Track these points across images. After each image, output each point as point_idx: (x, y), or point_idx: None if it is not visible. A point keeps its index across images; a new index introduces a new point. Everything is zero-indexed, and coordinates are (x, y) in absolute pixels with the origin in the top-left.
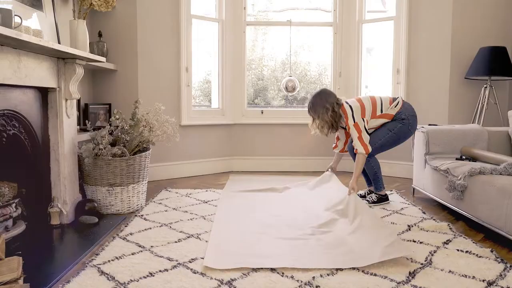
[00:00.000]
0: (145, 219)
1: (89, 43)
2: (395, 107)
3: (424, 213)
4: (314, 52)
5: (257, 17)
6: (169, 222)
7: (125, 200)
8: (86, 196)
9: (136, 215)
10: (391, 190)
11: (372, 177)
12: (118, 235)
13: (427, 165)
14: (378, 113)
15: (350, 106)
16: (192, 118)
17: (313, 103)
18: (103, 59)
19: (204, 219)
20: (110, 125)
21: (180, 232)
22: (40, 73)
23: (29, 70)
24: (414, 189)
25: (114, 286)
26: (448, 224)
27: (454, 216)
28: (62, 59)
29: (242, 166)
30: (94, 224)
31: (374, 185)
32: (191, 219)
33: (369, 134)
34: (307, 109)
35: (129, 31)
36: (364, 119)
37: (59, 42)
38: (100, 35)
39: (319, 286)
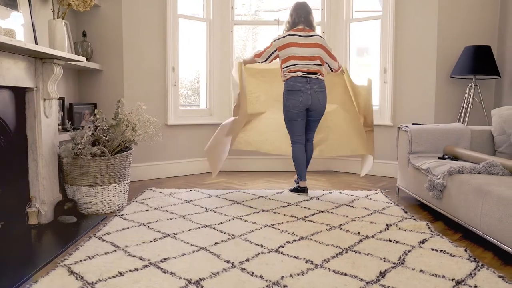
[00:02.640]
0: (124, 218)
1: (74, 43)
2: (286, 74)
3: (405, 212)
4: None
5: (253, 16)
6: (148, 221)
7: (105, 200)
8: (67, 196)
9: (116, 215)
10: (376, 190)
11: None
12: (94, 234)
13: (410, 164)
14: (286, 64)
15: (285, 36)
16: (179, 118)
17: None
18: (82, 58)
19: (184, 218)
20: (94, 123)
21: (157, 231)
22: (16, 73)
23: (3, 69)
24: (398, 188)
25: (81, 286)
26: (427, 224)
27: (434, 216)
28: (40, 59)
29: (231, 166)
30: (72, 224)
31: None
32: (170, 219)
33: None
34: None
35: (114, 31)
36: (278, 53)
37: (36, 42)
38: (84, 35)
39: (287, 286)
